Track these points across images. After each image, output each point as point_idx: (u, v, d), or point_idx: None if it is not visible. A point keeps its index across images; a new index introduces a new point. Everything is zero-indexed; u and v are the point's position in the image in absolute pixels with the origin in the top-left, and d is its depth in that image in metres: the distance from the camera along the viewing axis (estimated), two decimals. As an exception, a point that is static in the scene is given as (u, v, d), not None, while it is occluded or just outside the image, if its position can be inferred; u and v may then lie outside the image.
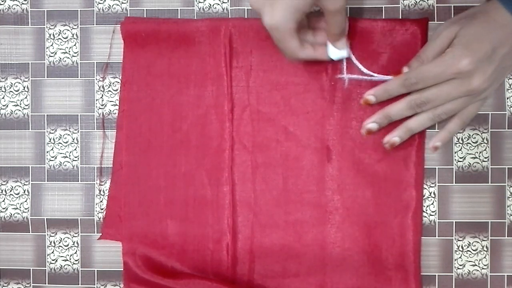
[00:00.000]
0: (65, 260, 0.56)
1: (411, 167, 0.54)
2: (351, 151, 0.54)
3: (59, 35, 0.56)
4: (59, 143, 0.56)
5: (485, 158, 0.54)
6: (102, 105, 0.56)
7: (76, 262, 0.56)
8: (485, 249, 0.54)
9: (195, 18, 0.56)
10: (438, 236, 0.54)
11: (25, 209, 0.56)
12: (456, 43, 0.48)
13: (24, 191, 0.56)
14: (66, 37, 0.56)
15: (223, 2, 0.56)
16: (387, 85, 0.50)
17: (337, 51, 0.50)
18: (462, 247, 0.54)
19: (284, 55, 0.49)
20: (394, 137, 0.51)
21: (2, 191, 0.56)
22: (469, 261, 0.54)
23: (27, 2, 0.56)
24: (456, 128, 0.51)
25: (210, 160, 0.54)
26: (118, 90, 0.56)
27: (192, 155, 0.55)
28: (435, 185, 0.54)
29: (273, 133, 0.54)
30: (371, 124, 0.51)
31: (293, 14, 0.45)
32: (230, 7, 0.55)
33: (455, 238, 0.54)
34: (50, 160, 0.56)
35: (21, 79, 0.56)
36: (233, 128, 0.55)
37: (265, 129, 0.55)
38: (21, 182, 0.56)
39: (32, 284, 0.56)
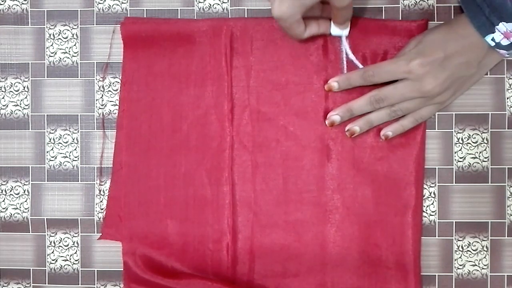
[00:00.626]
0: (65, 260, 0.56)
1: (411, 165, 0.54)
2: (350, 151, 0.54)
3: (59, 35, 0.56)
4: (59, 143, 0.56)
5: (485, 158, 0.54)
6: (102, 105, 0.56)
7: (76, 262, 0.56)
8: (485, 249, 0.54)
9: (195, 18, 0.56)
10: (438, 236, 0.54)
11: (25, 209, 0.56)
12: (415, 48, 0.50)
13: (24, 191, 0.56)
14: (66, 37, 0.56)
15: (223, 2, 0.56)
16: (349, 74, 0.53)
17: (338, 30, 0.52)
18: (462, 247, 0.54)
19: (289, 36, 0.51)
20: (355, 126, 0.53)
21: (2, 191, 0.56)
22: (469, 261, 0.54)
23: (27, 2, 0.56)
24: (409, 124, 0.53)
25: (210, 160, 0.54)
26: (118, 90, 0.56)
27: (192, 155, 0.55)
28: (435, 185, 0.54)
29: (273, 133, 0.54)
30: (334, 116, 0.53)
31: (299, 8, 0.47)
32: (230, 7, 0.56)
33: (455, 238, 0.54)
34: (50, 160, 0.56)
35: (21, 79, 0.56)
36: (233, 128, 0.55)
37: (265, 129, 0.55)
38: (21, 182, 0.56)
39: (32, 284, 0.56)
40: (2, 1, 0.56)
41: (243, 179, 0.55)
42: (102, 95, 0.56)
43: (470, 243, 0.54)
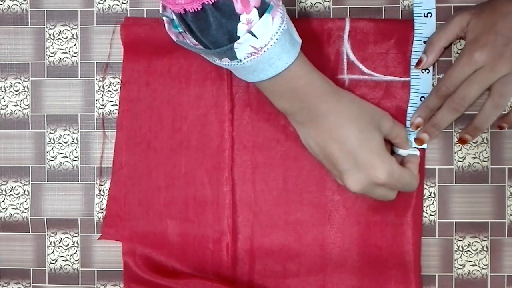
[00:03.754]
0: (65, 260, 0.56)
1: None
2: (351, 151, 0.54)
3: (59, 35, 0.56)
4: (59, 143, 0.56)
5: (485, 158, 0.54)
6: (102, 105, 0.56)
7: (76, 262, 0.56)
8: (485, 249, 0.54)
9: (195, 18, 0.55)
10: (438, 236, 0.54)
11: (25, 209, 0.56)
12: (466, 41, 0.50)
13: (24, 191, 0.56)
14: (66, 37, 0.56)
15: (223, 2, 0.55)
16: (425, 103, 0.52)
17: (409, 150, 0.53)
18: (462, 247, 0.54)
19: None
20: (465, 135, 0.52)
21: (2, 191, 0.56)
22: (469, 261, 0.54)
23: (27, 2, 0.56)
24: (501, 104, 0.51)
25: (210, 160, 0.54)
26: (118, 90, 0.56)
27: (192, 155, 0.55)
28: (435, 185, 0.54)
29: (273, 133, 0.54)
30: (423, 134, 0.52)
31: (372, 182, 0.48)
32: (230, 7, 0.55)
33: (455, 238, 0.54)
34: (50, 160, 0.56)
35: (21, 79, 0.56)
36: (233, 128, 0.55)
37: (265, 129, 0.54)
38: (21, 182, 0.56)
39: (32, 284, 0.56)
40: (2, 1, 0.56)
41: (243, 179, 0.55)
42: (102, 95, 0.56)
43: (470, 243, 0.54)
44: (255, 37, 0.43)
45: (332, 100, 0.48)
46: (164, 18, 0.48)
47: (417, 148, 0.53)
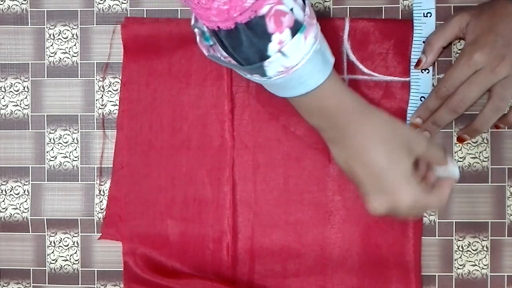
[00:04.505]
0: (65, 260, 0.56)
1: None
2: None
3: (59, 35, 0.56)
4: (59, 143, 0.56)
5: (485, 158, 0.54)
6: (102, 105, 0.56)
7: (76, 262, 0.56)
8: (485, 249, 0.54)
9: (195, 18, 0.55)
10: (438, 236, 0.54)
11: (25, 209, 0.56)
12: (465, 42, 0.50)
13: (24, 191, 0.56)
14: (66, 37, 0.56)
15: (223, 2, 0.55)
16: (425, 103, 0.52)
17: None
18: (462, 247, 0.54)
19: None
20: (463, 134, 0.52)
21: (2, 191, 0.56)
22: (469, 261, 0.54)
23: (27, 2, 0.56)
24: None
25: (211, 160, 0.54)
26: (118, 90, 0.56)
27: (193, 155, 0.55)
28: (435, 185, 0.54)
29: (274, 133, 0.54)
30: (424, 132, 0.52)
31: (392, 204, 0.46)
32: (230, 7, 0.55)
33: (455, 238, 0.54)
34: (50, 160, 0.56)
35: (21, 79, 0.56)
36: (233, 128, 0.55)
37: (266, 129, 0.54)
38: (21, 182, 0.56)
39: (32, 284, 0.56)
40: (2, 1, 0.56)
41: (244, 179, 0.55)
42: (102, 95, 0.56)
43: (470, 243, 0.54)
44: (286, 56, 0.42)
45: (362, 121, 0.46)
46: (195, 30, 0.48)
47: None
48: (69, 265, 0.56)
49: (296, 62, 0.43)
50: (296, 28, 0.42)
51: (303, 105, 0.47)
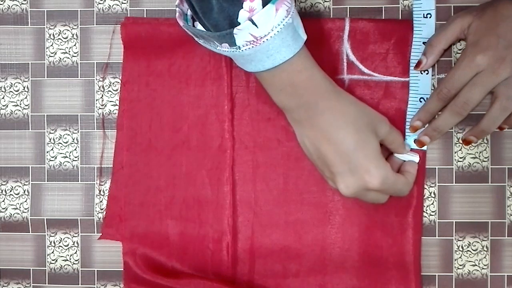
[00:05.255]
0: (65, 260, 0.56)
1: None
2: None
3: (59, 35, 0.56)
4: (59, 143, 0.56)
5: (485, 158, 0.54)
6: (102, 105, 0.56)
7: (76, 262, 0.56)
8: (485, 249, 0.54)
9: (195, 18, 0.56)
10: (438, 236, 0.54)
11: (25, 209, 0.56)
12: (467, 43, 0.50)
13: (24, 191, 0.56)
14: (66, 37, 0.56)
15: (223, 2, 0.55)
16: (425, 106, 0.52)
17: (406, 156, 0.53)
18: (462, 247, 0.54)
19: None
20: (470, 136, 0.52)
21: (2, 191, 0.56)
22: (469, 261, 0.54)
23: (27, 2, 0.56)
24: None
25: (211, 160, 0.54)
26: (118, 90, 0.56)
27: (193, 155, 0.55)
28: (435, 185, 0.54)
29: (274, 133, 0.54)
30: (423, 137, 0.52)
31: (363, 186, 0.47)
32: (230, 7, 0.55)
33: (455, 238, 0.54)
34: (50, 160, 0.56)
35: (21, 79, 0.56)
36: (233, 128, 0.55)
37: (266, 129, 0.54)
38: (21, 182, 0.56)
39: (32, 284, 0.56)
40: (2, 1, 0.56)
41: (244, 179, 0.55)
42: (102, 95, 0.56)
43: (470, 243, 0.54)
44: (255, 25, 0.43)
45: (332, 99, 0.48)
46: (177, 9, 0.48)
47: (417, 150, 0.53)
48: (69, 265, 0.56)
49: (265, 32, 0.43)
50: None
51: (273, 81, 0.47)
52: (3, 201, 0.56)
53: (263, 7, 0.43)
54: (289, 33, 0.45)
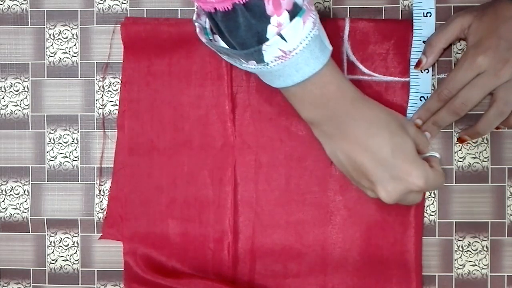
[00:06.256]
0: (65, 260, 0.56)
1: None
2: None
3: (59, 35, 0.56)
4: (59, 143, 0.56)
5: (485, 158, 0.54)
6: (102, 105, 0.56)
7: (76, 262, 0.56)
8: (485, 249, 0.54)
9: (196, 18, 0.55)
10: (438, 236, 0.54)
11: (25, 209, 0.56)
12: (467, 44, 0.50)
13: (24, 191, 0.56)
14: (66, 37, 0.56)
15: (223, 2, 0.55)
16: (426, 105, 0.52)
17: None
18: (462, 247, 0.54)
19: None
20: (464, 135, 0.52)
21: (2, 191, 0.56)
22: (469, 261, 0.54)
23: (27, 2, 0.56)
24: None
25: (213, 160, 0.54)
26: (118, 90, 0.56)
27: (195, 155, 0.55)
28: (435, 185, 0.54)
29: (276, 133, 0.54)
30: (424, 133, 0.52)
31: (405, 190, 0.47)
32: (230, 7, 0.55)
33: (455, 238, 0.54)
34: (50, 160, 0.56)
35: (21, 79, 0.56)
36: (235, 128, 0.54)
37: (268, 129, 0.54)
38: (21, 182, 0.56)
39: (32, 284, 0.56)
40: (2, 1, 0.56)
41: (246, 179, 0.54)
42: (102, 95, 0.56)
43: (470, 243, 0.54)
44: (284, 40, 0.42)
45: (361, 107, 0.47)
46: (196, 24, 0.48)
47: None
48: (69, 265, 0.56)
49: (294, 46, 0.43)
50: (294, 11, 0.42)
51: (302, 95, 0.47)
52: (3, 201, 0.56)
53: (291, 21, 0.42)
54: (316, 45, 0.44)
